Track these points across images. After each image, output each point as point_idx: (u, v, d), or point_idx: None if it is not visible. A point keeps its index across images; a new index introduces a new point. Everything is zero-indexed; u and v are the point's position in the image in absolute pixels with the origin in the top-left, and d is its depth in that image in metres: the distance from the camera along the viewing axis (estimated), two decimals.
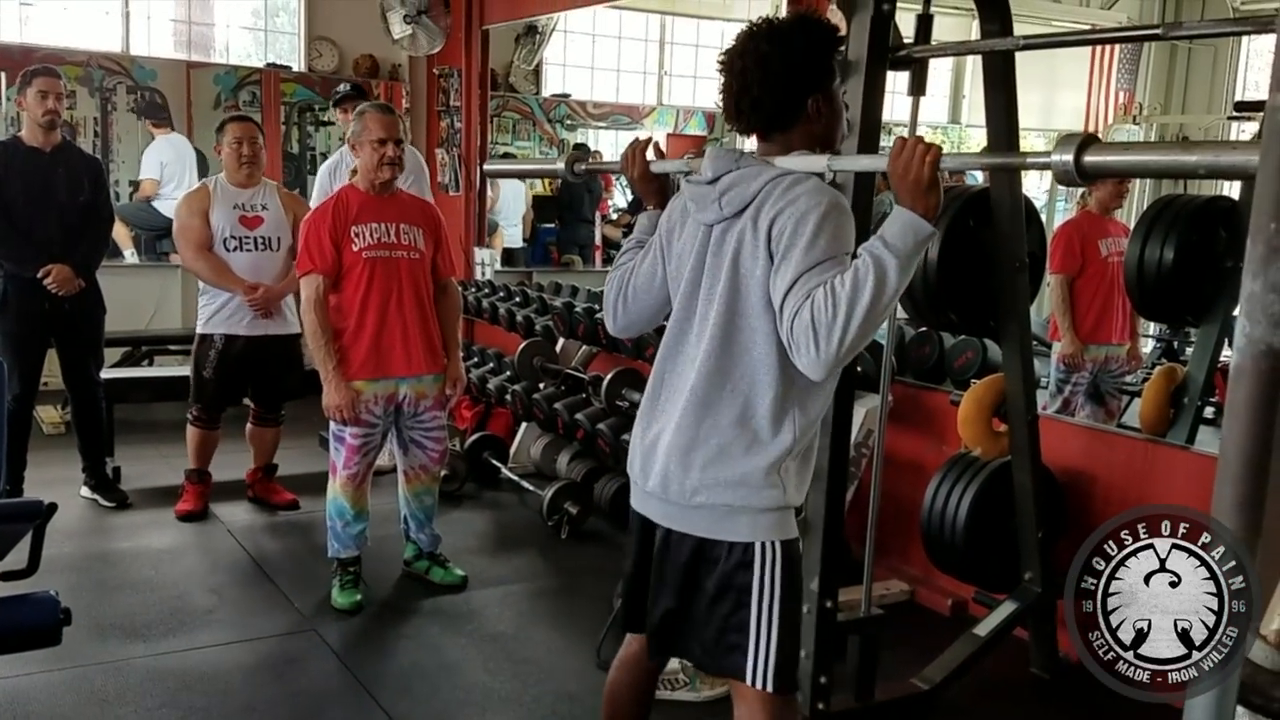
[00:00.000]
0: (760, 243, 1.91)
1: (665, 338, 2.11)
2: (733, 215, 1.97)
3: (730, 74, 2.02)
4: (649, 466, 2.06)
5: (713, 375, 1.97)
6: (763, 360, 1.94)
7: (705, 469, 1.96)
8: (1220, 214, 3.88)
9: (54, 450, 5.19)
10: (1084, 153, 1.64)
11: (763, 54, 1.97)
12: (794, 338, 1.82)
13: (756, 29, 2.00)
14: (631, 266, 2.24)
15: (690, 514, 2.00)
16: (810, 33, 1.99)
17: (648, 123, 10.69)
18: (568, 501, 4.56)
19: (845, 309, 1.76)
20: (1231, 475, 1.01)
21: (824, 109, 2.01)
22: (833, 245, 1.86)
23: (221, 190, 4.52)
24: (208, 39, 7.99)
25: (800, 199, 1.88)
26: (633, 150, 2.37)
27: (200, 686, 3.21)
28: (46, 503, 2.41)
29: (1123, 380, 5.10)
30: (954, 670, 3.14)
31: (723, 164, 2.00)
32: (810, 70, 1.99)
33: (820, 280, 1.81)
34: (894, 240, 1.80)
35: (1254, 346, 0.95)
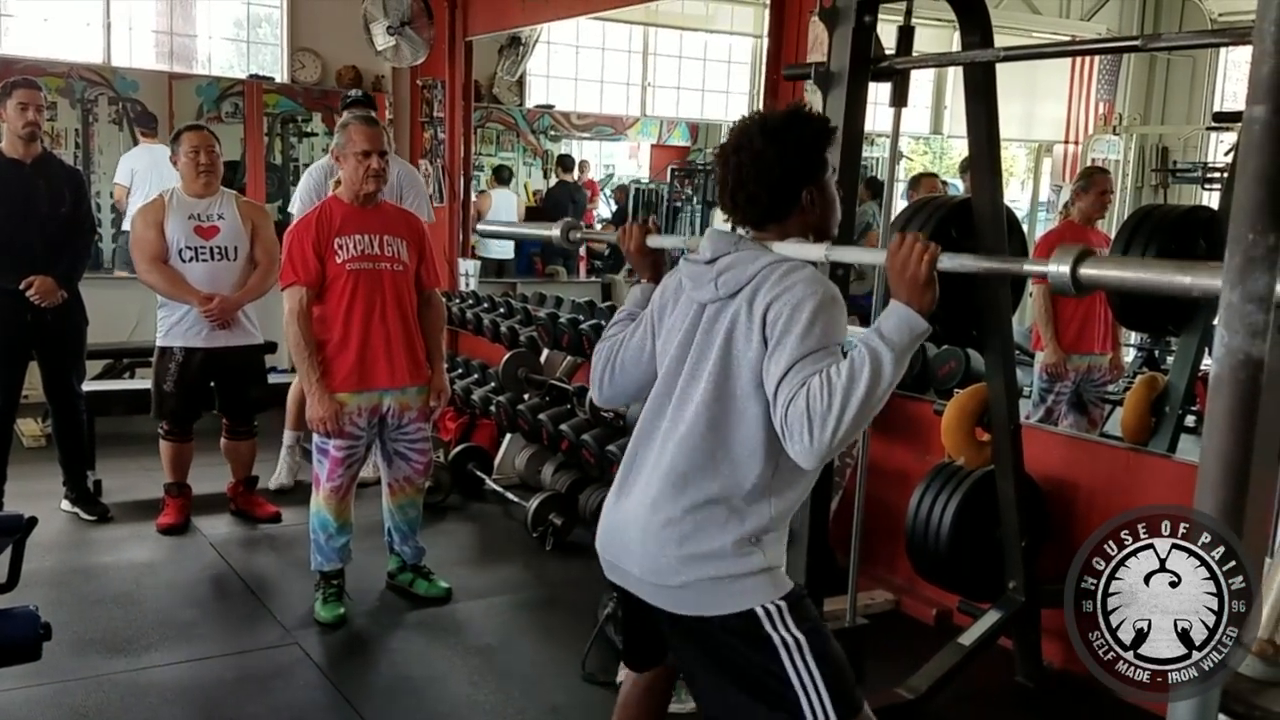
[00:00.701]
0: (755, 326, 1.92)
1: (644, 413, 2.11)
2: (727, 296, 1.99)
3: (725, 168, 2.05)
4: (622, 544, 2.04)
5: (693, 452, 1.97)
6: (748, 442, 1.94)
7: (681, 545, 1.94)
8: (1200, 224, 3.90)
9: (34, 463, 5.15)
10: (1080, 265, 1.67)
11: (757, 150, 1.99)
12: (788, 425, 1.83)
13: (750, 125, 2.03)
14: (621, 339, 2.26)
15: (678, 595, 1.97)
16: (803, 128, 2.02)
17: (631, 133, 10.72)
18: (552, 513, 4.55)
19: (841, 398, 1.78)
20: (1212, 483, 1.02)
21: (818, 200, 2.04)
22: (827, 335, 1.88)
23: (177, 201, 4.47)
24: (190, 50, 7.97)
25: (797, 286, 1.91)
26: (630, 226, 2.40)
27: (182, 701, 3.18)
28: (27, 516, 2.40)
29: (1105, 389, 5.13)
30: (939, 679, 3.15)
31: (721, 246, 2.03)
32: (804, 164, 2.01)
33: (815, 369, 1.83)
34: (890, 334, 1.84)
35: (1233, 356, 0.95)
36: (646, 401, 2.11)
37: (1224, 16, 8.90)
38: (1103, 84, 10.12)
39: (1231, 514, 1.02)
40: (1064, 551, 3.50)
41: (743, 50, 10.75)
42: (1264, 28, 0.93)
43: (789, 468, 1.93)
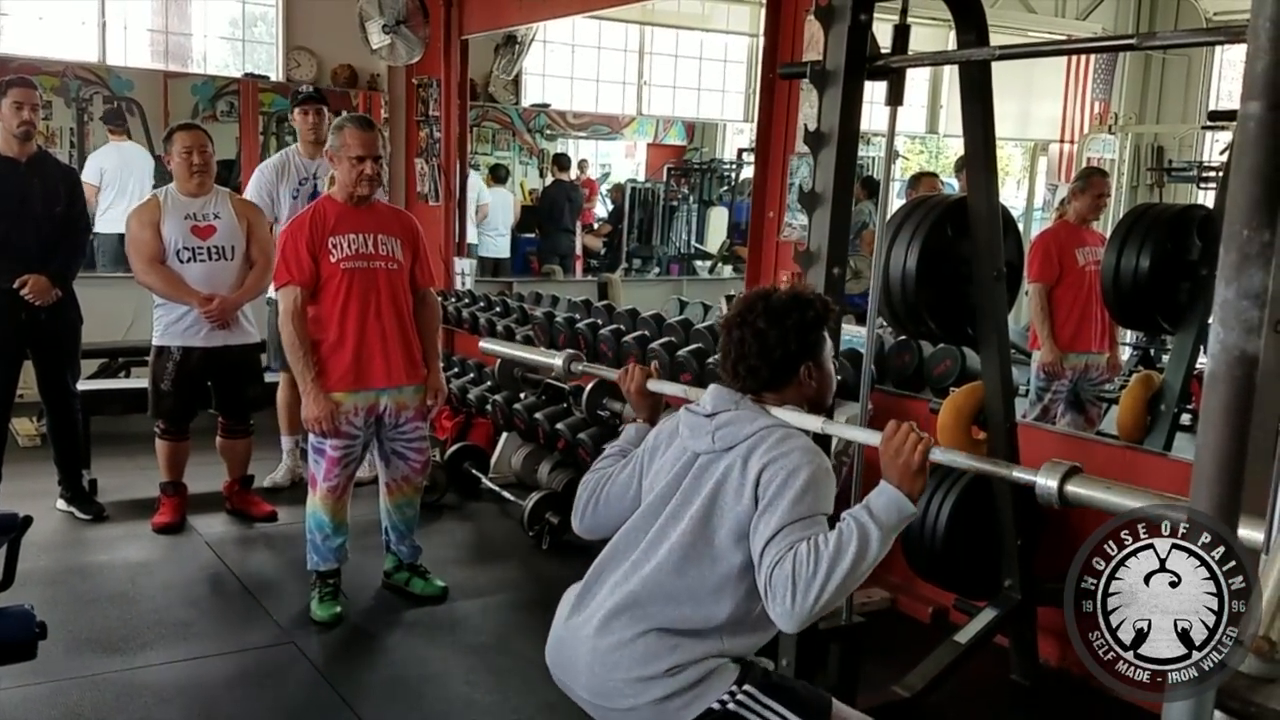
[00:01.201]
0: (747, 484, 1.97)
1: (617, 538, 2.14)
2: (723, 450, 2.04)
3: (729, 339, 2.14)
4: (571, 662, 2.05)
5: (657, 588, 2.00)
6: (715, 591, 1.98)
7: (630, 669, 1.96)
8: (1195, 222, 3.91)
9: (30, 463, 5.14)
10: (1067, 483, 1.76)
11: (760, 330, 2.08)
12: (772, 586, 1.86)
13: (754, 301, 2.12)
14: (610, 474, 2.30)
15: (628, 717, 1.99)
16: (804, 311, 2.10)
17: (627, 132, 10.72)
18: (549, 512, 4.55)
19: (827, 566, 1.83)
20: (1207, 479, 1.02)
21: (815, 375, 2.13)
22: (817, 504, 1.94)
23: (172, 201, 4.45)
24: (185, 49, 7.96)
25: (794, 454, 1.97)
26: (633, 367, 2.46)
27: (178, 700, 3.18)
28: (22, 515, 2.40)
29: (1101, 388, 5.13)
30: (935, 678, 3.15)
31: (722, 402, 2.10)
32: (802, 344, 2.10)
33: (803, 535, 1.88)
34: (879, 513, 1.89)
35: (1228, 353, 0.96)
36: (620, 531, 2.15)
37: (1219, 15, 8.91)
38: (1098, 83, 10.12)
39: (1227, 511, 1.02)
40: (1060, 550, 3.51)
41: (739, 49, 10.76)
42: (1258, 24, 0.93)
43: (753, 621, 1.98)
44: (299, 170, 5.03)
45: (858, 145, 2.86)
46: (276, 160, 5.13)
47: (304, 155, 5.08)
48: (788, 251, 4.61)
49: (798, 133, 4.62)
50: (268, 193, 4.93)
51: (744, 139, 10.67)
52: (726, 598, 1.97)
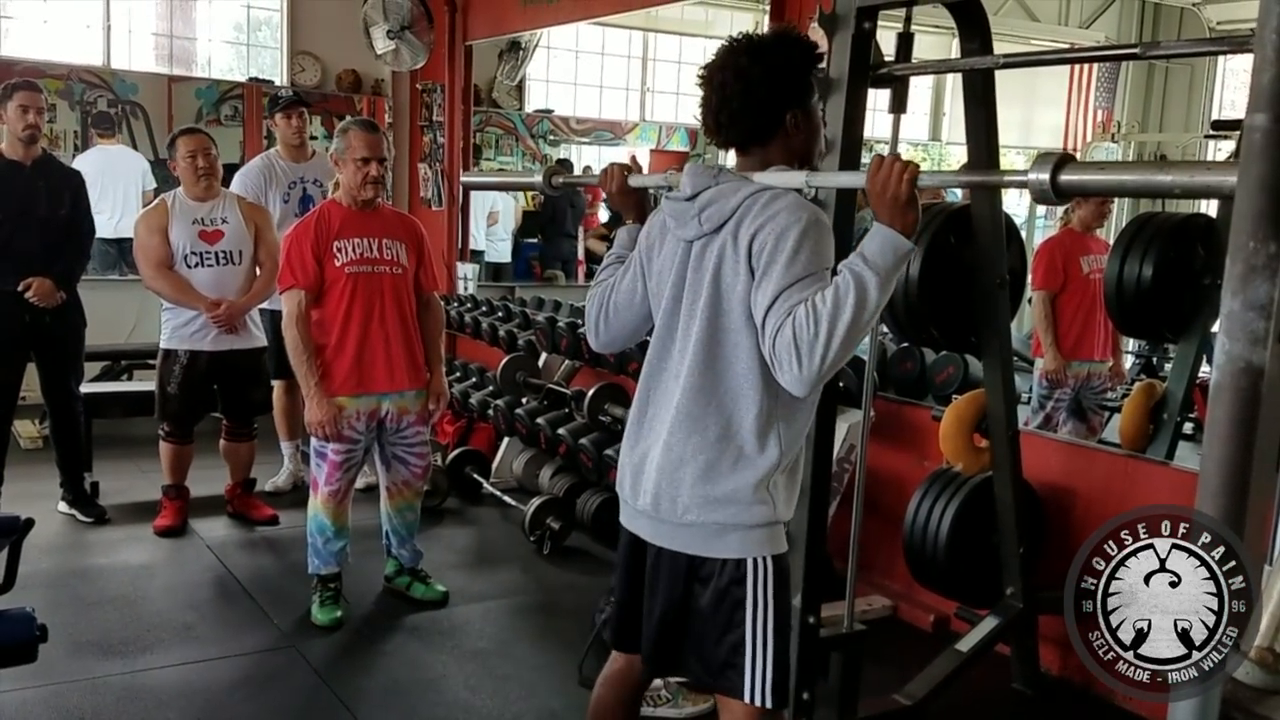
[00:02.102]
0: (741, 258, 1.92)
1: (649, 355, 2.11)
2: (712, 231, 1.98)
3: (709, 88, 2.05)
4: (639, 485, 2.06)
5: (697, 391, 1.98)
6: (745, 375, 1.95)
7: (694, 486, 1.96)
8: (1198, 231, 3.90)
9: (32, 465, 5.14)
10: (1060, 171, 1.66)
11: (742, 68, 1.99)
12: (776, 354, 1.83)
13: (736, 44, 2.03)
14: (612, 283, 2.25)
15: (681, 532, 2.00)
16: (789, 48, 2.02)
17: (630, 138, 10.72)
18: (550, 517, 4.55)
19: (827, 326, 1.78)
20: (1212, 491, 1.02)
21: (802, 124, 2.04)
22: (813, 261, 1.87)
23: (180, 206, 4.46)
24: (189, 53, 7.97)
25: (780, 214, 1.90)
26: (612, 166, 2.39)
27: (178, 704, 3.18)
28: (23, 518, 2.40)
29: (1104, 396, 5.13)
30: (936, 686, 3.14)
31: (701, 180, 2.02)
32: (789, 85, 2.01)
33: (801, 297, 1.82)
34: (874, 257, 1.83)
35: (1233, 364, 0.96)
36: (650, 345, 2.12)
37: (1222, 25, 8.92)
38: (1101, 92, 10.13)
39: (1232, 521, 1.02)
40: (1062, 558, 3.50)
41: None
42: (1265, 35, 0.93)
43: (788, 398, 1.94)
44: (285, 174, 5.04)
45: (861, 152, 2.86)
46: (260, 163, 5.12)
47: (287, 159, 5.08)
48: None
49: None
50: (256, 196, 4.92)
51: None
52: (759, 382, 1.93)
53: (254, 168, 5.11)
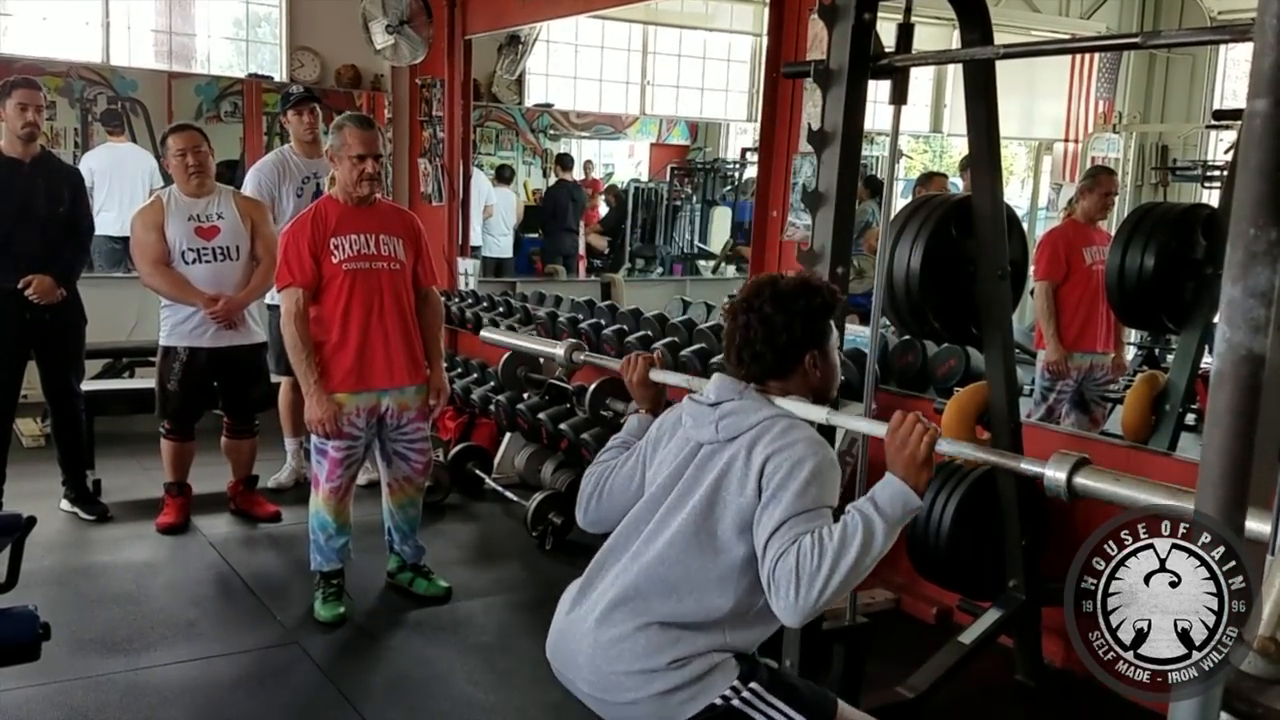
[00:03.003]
0: (751, 475, 1.95)
1: (620, 528, 2.12)
2: (726, 440, 2.02)
3: (734, 324, 2.12)
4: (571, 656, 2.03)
5: (659, 579, 1.98)
6: (720, 583, 1.96)
7: (632, 662, 1.94)
8: (1200, 221, 3.90)
9: (34, 463, 5.14)
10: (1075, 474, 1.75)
11: (766, 315, 2.07)
12: (775, 580, 1.85)
13: (761, 287, 2.10)
14: (613, 466, 2.28)
15: (630, 710, 1.97)
16: (811, 297, 2.09)
17: (631, 132, 10.72)
18: (552, 512, 4.55)
19: (831, 560, 1.81)
20: (1213, 481, 1.01)
21: (820, 364, 2.11)
22: (821, 497, 1.92)
23: (175, 202, 4.45)
24: (189, 49, 7.96)
25: (798, 445, 1.95)
26: (636, 357, 2.45)
27: (182, 701, 3.18)
28: (26, 516, 2.39)
29: (1106, 388, 5.12)
30: (939, 678, 3.14)
31: (726, 392, 2.08)
32: (808, 331, 2.08)
33: (808, 528, 1.86)
34: (885, 506, 1.87)
35: (1234, 352, 0.95)
36: (623, 520, 2.13)
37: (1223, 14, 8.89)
38: (1102, 82, 10.10)
39: (1233, 511, 1.01)
40: (1064, 549, 3.50)
41: (742, 48, 10.75)
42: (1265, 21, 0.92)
43: (756, 614, 1.96)
44: (299, 169, 5.02)
45: (861, 144, 2.85)
46: (274, 159, 5.11)
47: (301, 155, 5.07)
48: (791, 251, 4.61)
49: (801, 132, 4.62)
50: (269, 191, 4.92)
51: (747, 138, 10.65)
52: (729, 590, 1.95)
53: (268, 163, 5.11)
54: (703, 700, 1.93)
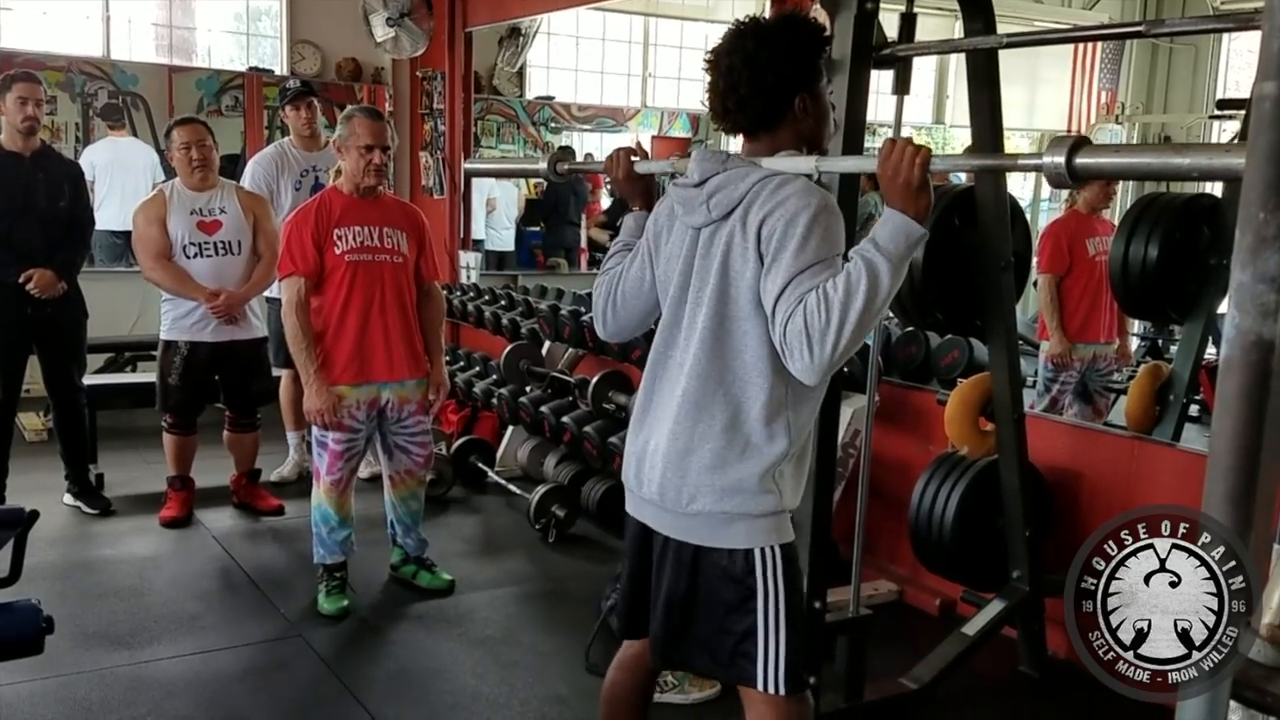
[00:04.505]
0: (750, 244, 1.90)
1: (655, 343, 2.09)
2: (721, 217, 1.96)
3: (716, 72, 2.03)
4: (644, 473, 2.04)
5: (704, 379, 1.96)
6: (754, 363, 1.93)
7: (701, 475, 1.94)
8: (1204, 211, 3.89)
9: (36, 457, 5.15)
10: (1075, 154, 1.64)
11: (749, 52, 1.97)
12: (787, 343, 1.81)
13: (743, 28, 2.00)
14: (620, 271, 2.23)
15: (688, 521, 1.99)
16: (797, 31, 2.00)
17: (632, 125, 10.69)
18: (555, 504, 4.55)
19: (839, 313, 1.76)
20: (1223, 468, 1.00)
21: (810, 108, 2.02)
22: (823, 247, 1.85)
23: (178, 196, 4.44)
24: (189, 43, 7.94)
25: (790, 200, 1.88)
26: (618, 152, 2.37)
27: (186, 694, 3.18)
28: (28, 510, 2.39)
29: (1110, 378, 5.11)
30: (943, 669, 3.14)
31: (709, 166, 2.00)
32: (797, 68, 1.99)
33: (812, 284, 1.80)
34: (885, 243, 1.81)
35: (1244, 337, 0.94)
36: (656, 333, 2.10)
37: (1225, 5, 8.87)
38: (1105, 72, 10.08)
39: (1242, 498, 1.01)
40: (1068, 541, 3.49)
41: None
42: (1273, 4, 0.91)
43: (797, 386, 1.93)
44: (298, 162, 5.02)
45: (864, 134, 2.84)
46: (273, 151, 5.11)
47: (300, 148, 5.07)
48: None
49: None
50: (268, 184, 4.92)
51: None
52: (767, 370, 1.91)
53: (267, 155, 5.10)
54: (749, 540, 1.95)
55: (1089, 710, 3.16)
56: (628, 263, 2.22)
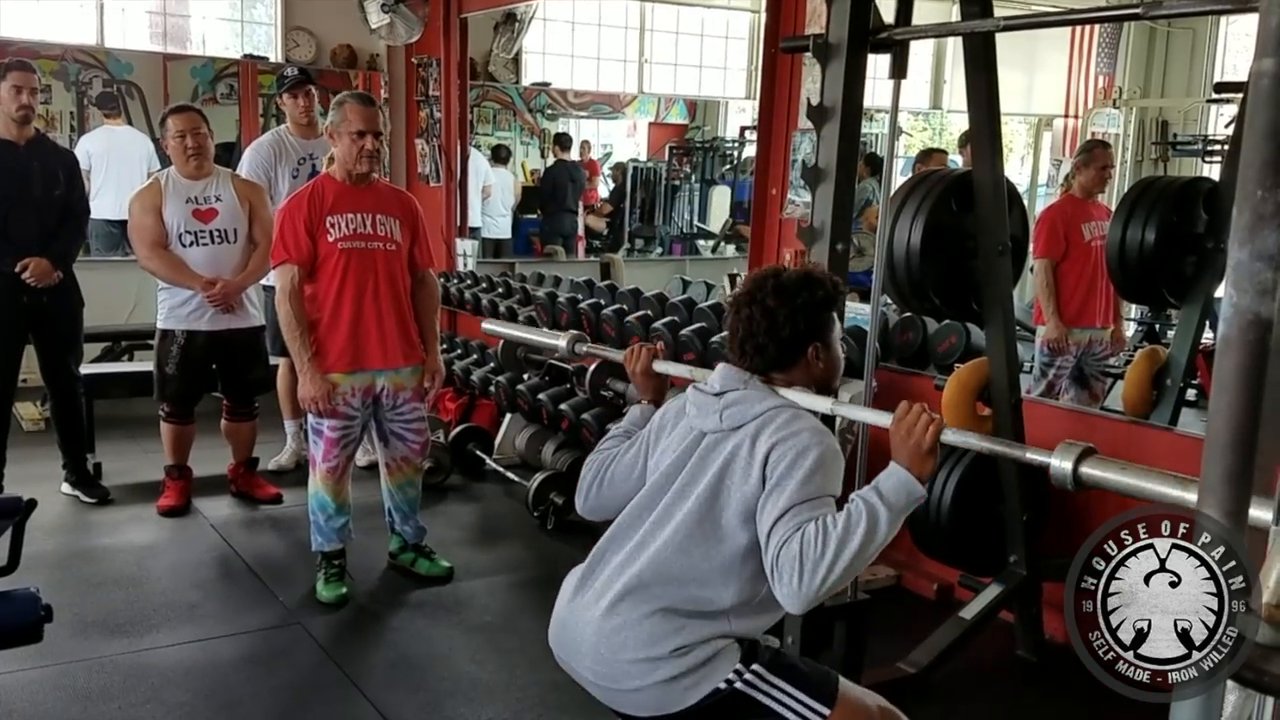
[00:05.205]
0: (755, 464, 1.95)
1: (622, 517, 2.11)
2: (731, 429, 2.01)
3: (737, 318, 2.11)
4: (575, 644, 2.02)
5: (663, 568, 1.97)
6: (724, 573, 1.95)
7: (636, 650, 1.93)
8: (1200, 195, 3.89)
9: (34, 447, 5.14)
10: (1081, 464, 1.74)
11: (768, 308, 2.06)
12: (779, 566, 1.84)
13: (764, 279, 2.10)
14: (615, 454, 2.27)
15: (635, 698, 1.97)
16: (813, 291, 2.08)
17: (629, 111, 10.67)
18: (553, 492, 4.55)
19: (835, 547, 1.81)
20: (1220, 447, 1.00)
21: (823, 356, 2.10)
22: (826, 485, 1.92)
23: (173, 184, 4.43)
24: (184, 31, 7.92)
25: (803, 434, 1.94)
26: (640, 347, 2.44)
27: (184, 682, 3.19)
28: (26, 499, 2.39)
29: (1106, 363, 5.12)
30: (940, 654, 3.15)
31: (731, 381, 2.07)
32: (810, 323, 2.08)
33: (812, 515, 1.85)
34: (889, 494, 1.87)
35: (1241, 316, 0.94)
36: (625, 509, 2.12)
37: None
38: (1102, 57, 10.06)
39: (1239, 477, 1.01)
40: (1065, 525, 3.50)
41: (740, 25, 10.69)
42: None
43: (759, 603, 1.96)
44: (295, 150, 5.00)
45: (861, 120, 2.83)
46: (271, 139, 5.10)
47: (297, 136, 5.05)
48: (791, 229, 4.59)
49: (800, 109, 4.59)
50: (265, 171, 4.90)
51: (746, 117, 10.61)
52: (733, 579, 1.95)
53: (264, 143, 5.09)
54: (706, 686, 1.93)
55: (1085, 695, 3.17)
56: (624, 449, 2.26)
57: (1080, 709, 3.12)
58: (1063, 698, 3.25)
